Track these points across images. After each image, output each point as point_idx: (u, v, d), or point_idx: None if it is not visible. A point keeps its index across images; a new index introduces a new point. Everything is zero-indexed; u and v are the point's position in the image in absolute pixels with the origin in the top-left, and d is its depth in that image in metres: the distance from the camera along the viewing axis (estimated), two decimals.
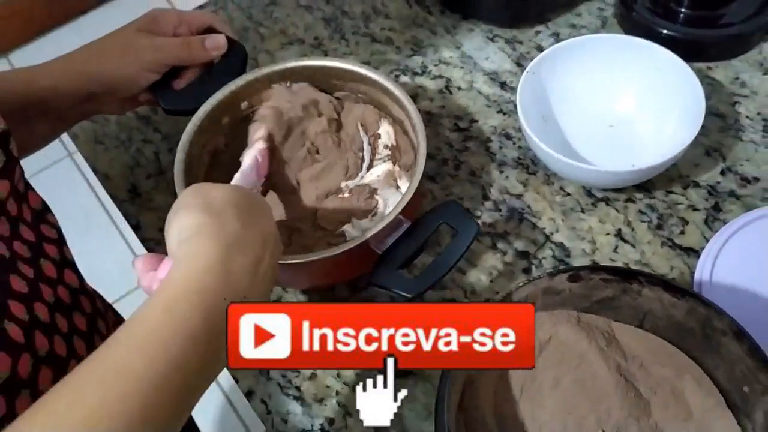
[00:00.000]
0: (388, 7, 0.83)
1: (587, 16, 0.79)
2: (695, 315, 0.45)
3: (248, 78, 0.64)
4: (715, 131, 0.68)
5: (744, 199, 0.64)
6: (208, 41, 0.64)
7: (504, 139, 0.71)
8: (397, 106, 0.64)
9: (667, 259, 0.61)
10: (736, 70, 0.72)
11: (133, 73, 0.61)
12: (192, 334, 0.38)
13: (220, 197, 0.43)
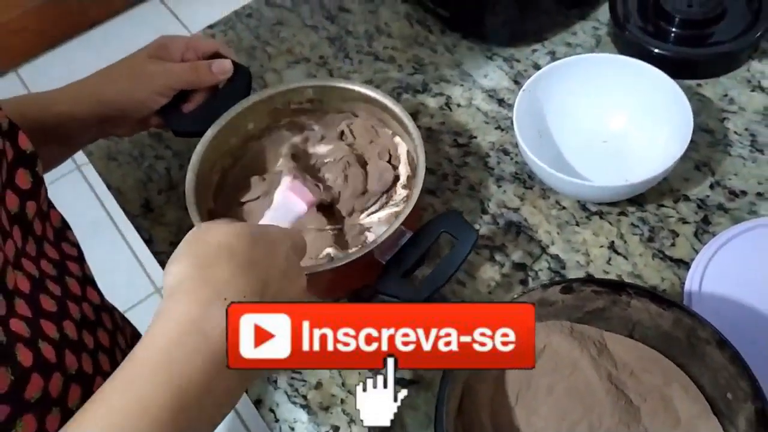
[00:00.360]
0: (390, 26, 0.86)
1: (582, 35, 0.82)
2: (681, 325, 0.47)
3: (254, 100, 0.67)
4: (704, 146, 0.71)
5: (732, 212, 0.66)
6: (215, 65, 0.67)
7: (502, 155, 0.73)
8: (397, 124, 0.67)
9: (658, 270, 0.64)
10: (725, 87, 0.75)
11: (144, 98, 0.64)
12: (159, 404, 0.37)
13: (215, 244, 0.42)
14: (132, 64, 0.66)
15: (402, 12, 0.87)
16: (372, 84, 0.81)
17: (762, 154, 0.70)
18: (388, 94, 0.67)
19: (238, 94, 0.68)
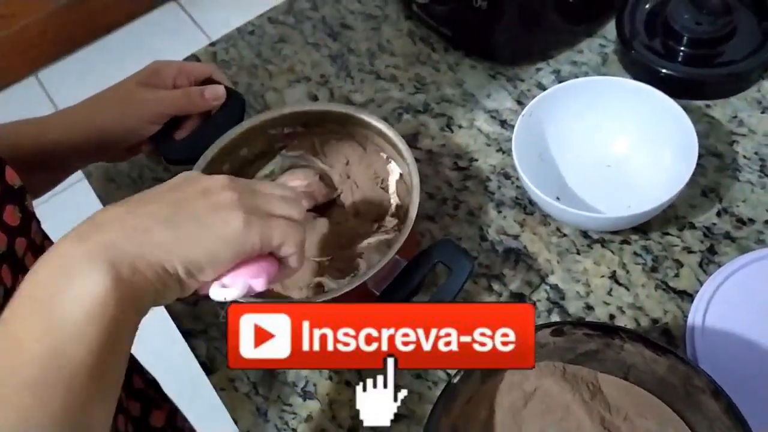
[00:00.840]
0: (393, 44, 0.85)
1: (588, 53, 0.80)
2: (676, 371, 0.46)
3: (246, 126, 0.66)
4: (712, 171, 0.69)
5: (739, 241, 0.64)
6: (207, 91, 0.67)
7: (503, 179, 0.72)
8: (392, 148, 0.66)
9: (660, 302, 0.62)
10: (735, 108, 0.72)
11: (135, 125, 0.64)
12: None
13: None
14: (123, 92, 0.65)
15: (405, 29, 0.86)
16: (374, 104, 0.80)
17: None
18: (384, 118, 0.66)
19: (232, 119, 0.67)
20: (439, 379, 0.61)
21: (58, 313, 0.37)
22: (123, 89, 0.65)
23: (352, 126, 0.68)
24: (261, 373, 0.64)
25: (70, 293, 0.37)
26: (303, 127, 0.68)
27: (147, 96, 0.64)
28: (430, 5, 0.78)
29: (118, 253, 0.39)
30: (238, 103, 0.69)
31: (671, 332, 0.61)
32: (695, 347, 0.58)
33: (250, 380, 0.64)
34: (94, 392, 0.37)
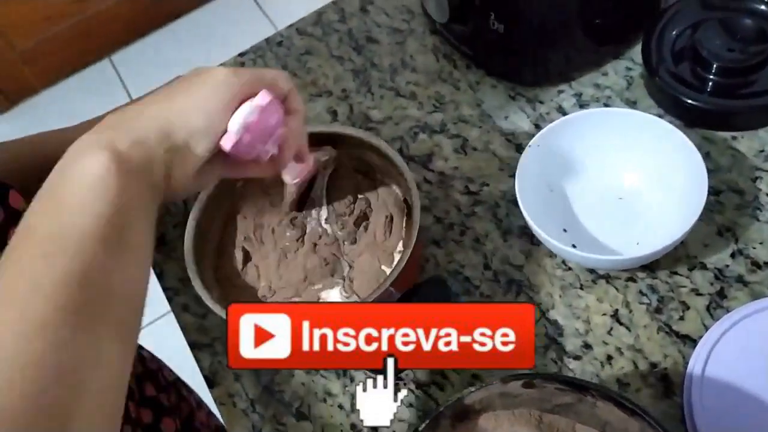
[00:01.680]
0: (416, 60, 0.85)
1: (613, 75, 0.77)
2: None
3: None
4: (731, 208, 0.66)
5: (752, 286, 0.62)
6: None
7: (512, 206, 0.71)
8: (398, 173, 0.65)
9: (661, 346, 0.60)
10: (763, 141, 0.69)
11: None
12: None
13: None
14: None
15: (429, 44, 0.85)
16: (391, 121, 0.80)
17: None
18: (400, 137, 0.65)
19: None
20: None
21: (63, 194, 0.41)
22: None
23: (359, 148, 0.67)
24: (260, 390, 0.66)
25: (72, 175, 0.41)
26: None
27: None
28: (450, 24, 0.77)
29: (116, 132, 0.43)
30: None
31: (670, 378, 0.59)
32: (692, 397, 0.56)
33: (248, 397, 0.66)
34: (109, 258, 0.40)
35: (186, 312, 0.72)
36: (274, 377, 0.66)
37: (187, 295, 0.73)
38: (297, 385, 0.65)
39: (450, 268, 0.68)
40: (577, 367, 0.60)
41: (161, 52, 2.28)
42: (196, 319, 0.72)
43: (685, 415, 0.56)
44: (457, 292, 0.66)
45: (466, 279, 0.67)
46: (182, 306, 0.73)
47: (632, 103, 0.74)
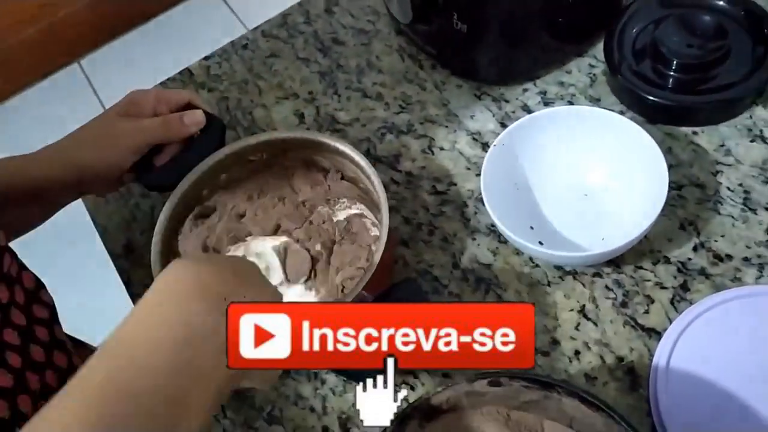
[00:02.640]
0: (382, 60, 0.85)
1: (576, 73, 0.78)
2: (612, 429, 0.45)
3: (226, 152, 0.67)
4: (692, 203, 0.67)
5: (713, 279, 0.63)
6: (187, 117, 0.67)
7: (480, 204, 0.71)
8: (365, 177, 0.66)
9: (627, 339, 0.61)
10: (723, 136, 0.70)
11: (118, 158, 0.65)
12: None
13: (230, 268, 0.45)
14: (103, 126, 0.66)
15: (395, 45, 0.85)
16: (358, 123, 0.80)
17: (754, 213, 0.65)
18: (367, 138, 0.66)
19: (212, 145, 0.68)
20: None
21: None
22: (103, 123, 0.66)
23: (331, 154, 0.68)
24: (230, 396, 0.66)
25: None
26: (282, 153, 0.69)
27: (127, 127, 0.65)
28: (414, 25, 0.77)
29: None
30: (217, 129, 0.69)
31: (636, 371, 0.60)
32: (657, 389, 0.57)
33: None
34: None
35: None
36: None
37: None
38: (268, 389, 0.65)
39: (419, 267, 0.68)
40: (546, 363, 0.61)
41: (131, 54, 2.26)
42: None
43: (651, 406, 0.57)
44: (427, 290, 0.66)
45: (435, 278, 0.68)
46: None
47: (596, 101, 0.75)
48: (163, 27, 2.32)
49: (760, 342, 0.58)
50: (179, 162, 0.68)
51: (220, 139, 0.70)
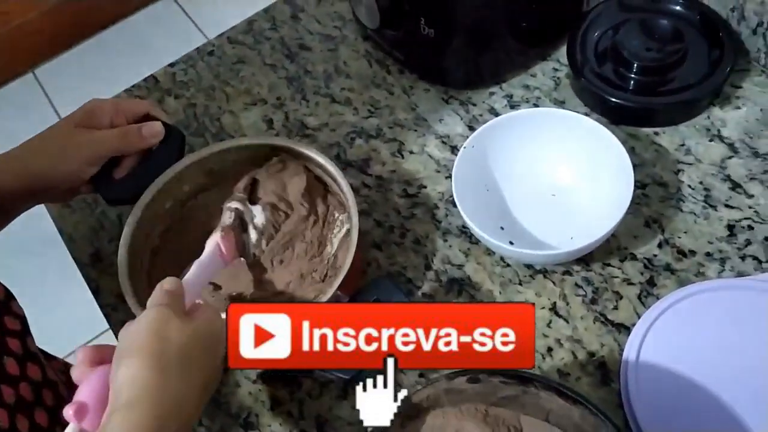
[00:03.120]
0: (349, 66, 0.85)
1: (541, 76, 0.80)
2: (588, 420, 0.46)
3: (187, 162, 0.67)
4: (656, 201, 0.69)
5: (678, 274, 0.65)
6: (145, 129, 0.66)
7: (450, 206, 0.72)
8: (333, 182, 0.66)
9: (598, 335, 0.63)
10: (683, 136, 0.72)
11: (73, 169, 0.64)
12: None
13: (175, 345, 0.45)
14: (59, 136, 0.65)
15: (362, 50, 0.86)
16: (327, 128, 0.80)
17: (715, 210, 0.67)
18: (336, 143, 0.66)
19: (172, 156, 0.67)
20: None
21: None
22: (59, 133, 0.65)
23: (298, 160, 0.68)
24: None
25: None
26: (247, 160, 0.69)
27: (83, 139, 0.64)
28: (381, 30, 0.78)
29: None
30: (177, 139, 0.68)
31: (607, 366, 0.61)
32: (628, 382, 0.59)
33: None
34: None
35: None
36: (220, 389, 0.65)
37: (125, 312, 0.71)
38: (244, 395, 0.65)
39: (392, 270, 0.69)
40: None
41: (87, 63, 2.23)
42: None
43: (623, 399, 0.58)
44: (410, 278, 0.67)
45: (408, 280, 0.68)
46: (121, 323, 0.71)
47: (560, 103, 0.77)
48: (121, 35, 2.29)
49: (723, 333, 0.60)
50: (138, 174, 0.67)
51: (179, 150, 0.69)
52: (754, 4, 0.71)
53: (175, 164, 0.66)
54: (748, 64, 0.75)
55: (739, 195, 0.68)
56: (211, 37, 0.91)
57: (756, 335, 0.59)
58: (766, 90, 0.74)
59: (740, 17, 0.74)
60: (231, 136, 0.81)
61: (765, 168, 0.69)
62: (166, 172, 0.65)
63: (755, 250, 0.65)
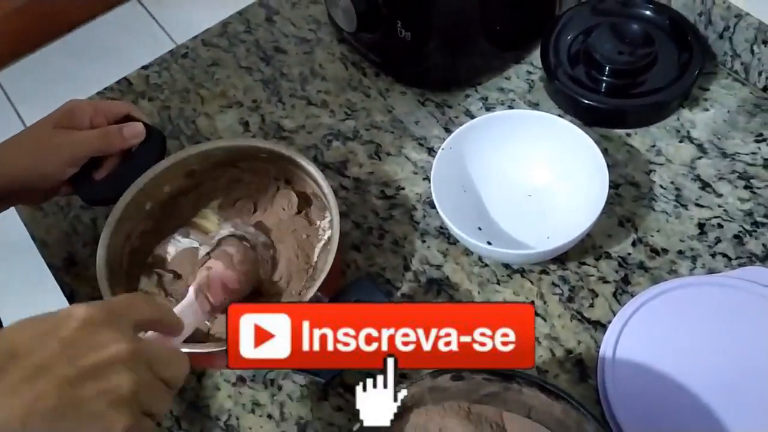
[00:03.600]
0: (325, 68, 0.85)
1: (516, 79, 0.81)
2: (570, 415, 0.47)
3: (167, 164, 0.66)
4: (629, 200, 0.70)
5: (652, 272, 0.66)
6: (126, 130, 0.66)
7: (428, 207, 0.73)
8: (313, 183, 0.66)
9: (575, 333, 0.64)
10: (654, 137, 0.74)
11: (52, 170, 0.63)
12: None
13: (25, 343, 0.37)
14: (37, 136, 0.64)
15: (337, 53, 0.86)
16: (304, 130, 0.80)
17: (686, 209, 0.69)
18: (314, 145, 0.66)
19: (152, 157, 0.67)
20: None
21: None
22: (37, 134, 0.64)
23: (279, 161, 0.68)
24: (184, 407, 0.65)
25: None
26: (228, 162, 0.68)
27: (62, 140, 0.63)
28: (358, 33, 0.78)
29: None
30: (157, 140, 0.68)
31: (584, 363, 0.62)
32: (605, 378, 0.60)
33: (172, 415, 0.64)
34: None
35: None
36: (199, 392, 0.65)
37: None
38: (223, 398, 0.64)
39: (371, 271, 0.69)
40: None
41: (52, 67, 2.19)
42: None
43: (600, 395, 0.59)
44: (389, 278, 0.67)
45: (387, 281, 0.69)
46: None
47: (534, 105, 0.78)
48: (86, 38, 2.26)
49: (696, 329, 0.61)
50: (119, 175, 0.66)
51: (160, 151, 0.68)
52: (721, 9, 0.73)
53: (155, 165, 0.66)
54: (716, 67, 0.77)
55: (708, 194, 0.70)
56: (177, 40, 0.91)
57: (727, 330, 0.61)
58: (732, 92, 0.76)
59: (707, 22, 0.76)
60: (207, 139, 0.81)
61: (733, 168, 0.71)
62: (146, 173, 0.65)
63: (725, 247, 0.66)
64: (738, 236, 0.67)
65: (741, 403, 0.57)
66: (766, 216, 0.68)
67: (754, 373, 0.58)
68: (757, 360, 0.59)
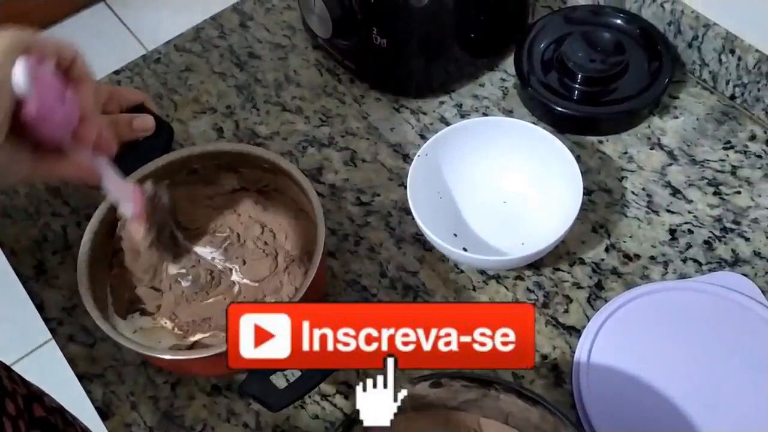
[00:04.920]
0: (300, 74, 0.85)
1: (490, 86, 0.81)
2: (547, 421, 0.47)
3: (168, 159, 0.65)
4: (602, 207, 0.71)
5: (625, 277, 0.67)
6: (136, 121, 0.64)
7: (404, 214, 0.73)
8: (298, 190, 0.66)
9: (550, 338, 0.64)
10: (625, 144, 0.75)
11: None
12: None
13: None
14: None
15: (312, 59, 0.86)
16: (279, 136, 0.80)
17: (657, 215, 0.70)
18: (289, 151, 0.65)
19: (157, 150, 0.66)
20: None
21: None
22: None
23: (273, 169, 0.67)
24: (159, 417, 0.64)
25: None
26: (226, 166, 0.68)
27: None
28: (333, 40, 0.78)
29: None
30: (165, 134, 0.67)
31: (560, 368, 0.63)
32: (580, 383, 0.60)
33: (146, 425, 0.63)
34: None
35: (72, 342, 0.69)
36: (174, 402, 0.64)
37: (73, 325, 0.69)
38: (198, 407, 0.64)
39: (347, 278, 0.69)
40: None
41: None
42: (84, 348, 0.68)
43: (575, 400, 0.60)
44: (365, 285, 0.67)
45: (363, 288, 0.68)
46: (67, 337, 0.69)
47: (508, 112, 0.79)
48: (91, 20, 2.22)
49: (668, 333, 0.63)
50: (121, 163, 0.65)
51: (166, 145, 0.67)
52: (690, 19, 0.75)
53: (155, 159, 0.65)
54: (685, 75, 0.79)
55: (679, 200, 0.71)
56: (145, 43, 0.90)
57: (698, 334, 0.62)
58: (700, 100, 0.77)
59: (677, 31, 0.77)
60: (181, 145, 0.80)
61: (702, 175, 0.72)
62: (145, 166, 0.64)
63: (695, 252, 0.68)
64: (708, 242, 0.68)
65: (712, 405, 0.58)
66: (734, 222, 0.69)
67: (725, 376, 0.60)
68: (727, 363, 0.60)
